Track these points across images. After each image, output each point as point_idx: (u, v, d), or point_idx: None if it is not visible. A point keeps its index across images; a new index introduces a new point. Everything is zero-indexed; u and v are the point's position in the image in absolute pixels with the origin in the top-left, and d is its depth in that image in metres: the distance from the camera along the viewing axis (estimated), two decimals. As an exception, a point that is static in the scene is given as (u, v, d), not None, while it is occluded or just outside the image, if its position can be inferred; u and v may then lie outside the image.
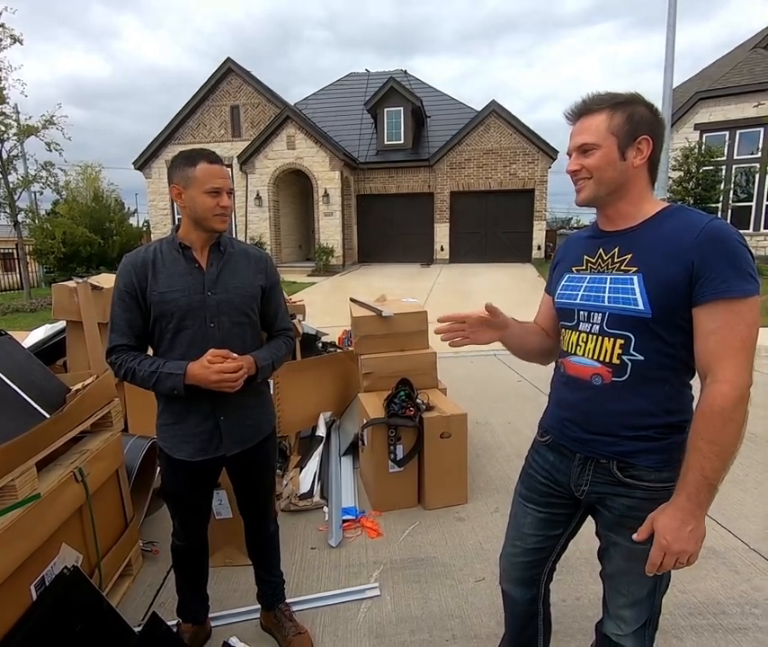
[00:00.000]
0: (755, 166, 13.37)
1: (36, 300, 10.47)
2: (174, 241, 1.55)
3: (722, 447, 1.02)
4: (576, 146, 1.15)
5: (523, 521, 1.40)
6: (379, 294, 3.85)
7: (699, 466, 1.03)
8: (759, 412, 3.96)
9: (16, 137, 10.37)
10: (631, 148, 1.11)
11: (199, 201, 1.48)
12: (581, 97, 1.16)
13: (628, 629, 1.24)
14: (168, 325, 1.51)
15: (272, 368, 1.64)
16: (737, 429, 1.02)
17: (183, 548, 1.76)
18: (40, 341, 3.22)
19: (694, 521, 1.05)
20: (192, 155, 1.49)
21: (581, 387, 1.21)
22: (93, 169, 18.62)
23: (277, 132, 15.48)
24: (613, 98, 1.12)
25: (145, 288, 1.50)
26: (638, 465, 1.14)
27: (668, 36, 8.42)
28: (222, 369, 1.44)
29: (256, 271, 1.64)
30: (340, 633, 1.91)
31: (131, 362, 1.49)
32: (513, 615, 1.54)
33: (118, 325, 1.52)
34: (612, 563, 1.25)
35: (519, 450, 3.36)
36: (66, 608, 1.54)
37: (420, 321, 3.21)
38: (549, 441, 1.33)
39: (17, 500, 1.52)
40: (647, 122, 1.11)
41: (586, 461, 1.22)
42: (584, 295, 1.21)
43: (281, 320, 1.74)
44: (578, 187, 1.18)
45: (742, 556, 2.27)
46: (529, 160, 16.47)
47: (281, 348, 1.70)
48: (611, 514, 1.20)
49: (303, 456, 3.12)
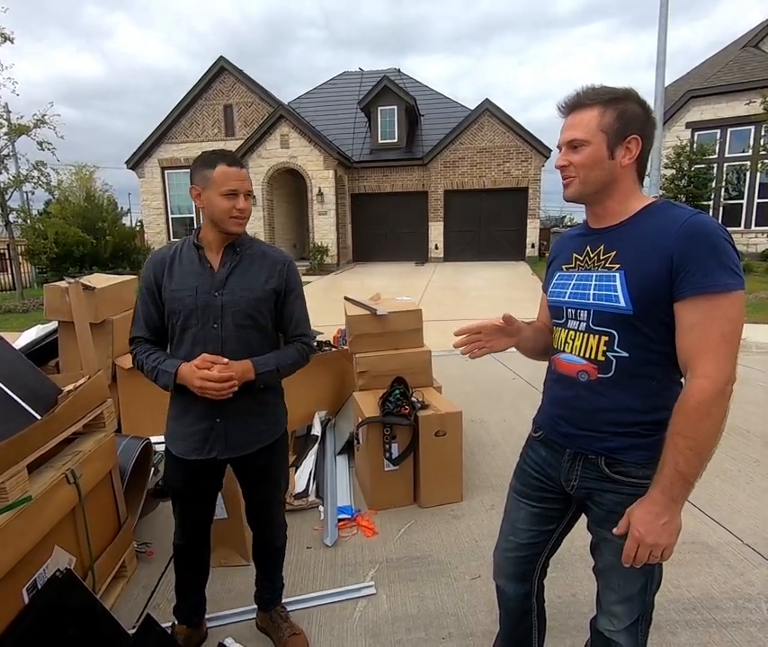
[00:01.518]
0: (746, 164, 13.49)
1: (28, 301, 10.38)
2: (194, 240, 1.59)
3: (698, 442, 1.02)
4: (566, 141, 1.15)
5: (517, 516, 1.41)
6: (373, 292, 3.85)
7: (674, 461, 1.03)
8: (751, 408, 4.00)
9: (7, 136, 10.27)
10: (620, 147, 1.11)
11: (215, 203, 1.48)
12: (575, 90, 1.16)
13: (620, 625, 1.25)
14: (177, 323, 1.55)
15: (277, 374, 1.59)
16: (715, 426, 1.02)
17: (181, 546, 1.75)
18: (32, 341, 3.20)
19: (668, 515, 1.05)
20: (212, 157, 1.49)
21: (570, 384, 1.22)
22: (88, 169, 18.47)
23: (270, 131, 15.42)
24: (607, 93, 1.11)
25: (161, 285, 1.56)
26: (626, 461, 1.15)
27: (660, 35, 8.46)
28: (206, 377, 1.43)
29: (270, 274, 1.60)
30: (336, 632, 1.90)
31: (142, 355, 1.57)
32: (507, 610, 1.54)
33: (137, 318, 1.61)
34: (603, 559, 1.26)
35: (514, 447, 3.36)
36: (59, 611, 1.53)
37: (415, 319, 3.21)
38: (542, 437, 1.35)
39: (8, 502, 1.50)
40: (637, 120, 1.11)
41: (576, 457, 1.23)
42: (572, 293, 1.22)
43: (297, 326, 1.67)
44: (565, 182, 1.18)
45: (735, 551, 2.29)
46: (522, 158, 16.51)
47: (292, 354, 1.64)
48: (601, 510, 1.21)
49: (298, 456, 3.11)
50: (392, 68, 20.95)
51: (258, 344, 1.59)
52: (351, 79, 21.14)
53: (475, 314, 8.06)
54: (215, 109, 16.74)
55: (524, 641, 1.53)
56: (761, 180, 13.46)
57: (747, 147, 13.49)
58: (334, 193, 15.67)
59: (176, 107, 16.71)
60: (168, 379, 1.50)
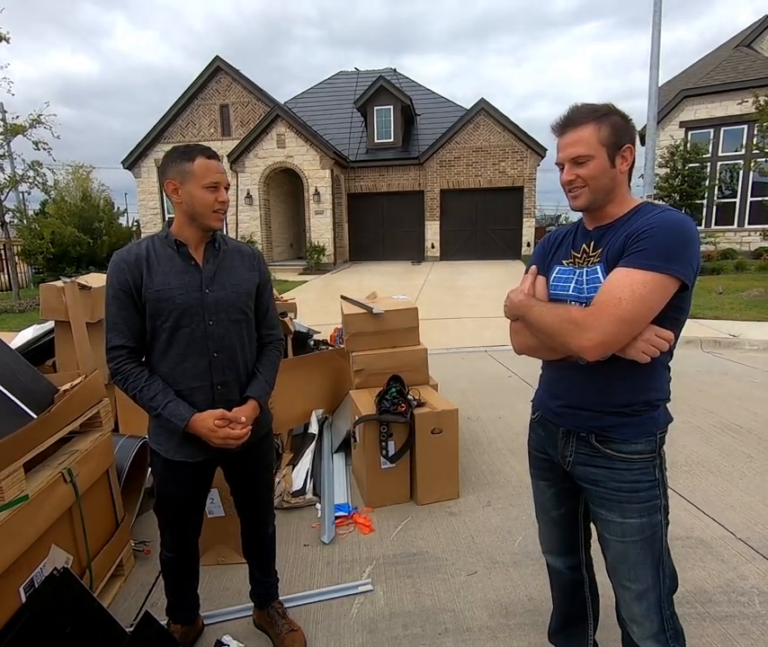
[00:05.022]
0: (740, 163, 13.58)
1: (25, 301, 10.32)
2: (167, 237, 1.52)
3: (541, 332, 1.24)
4: (570, 158, 1.22)
5: (542, 498, 1.51)
6: (369, 291, 3.86)
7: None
8: (744, 405, 4.03)
9: (2, 136, 10.21)
10: (618, 156, 1.20)
11: (197, 196, 1.45)
12: (565, 111, 1.24)
13: (642, 631, 1.28)
14: (164, 324, 1.48)
15: (270, 392, 1.68)
16: (565, 346, 1.18)
17: (173, 559, 1.73)
18: (28, 341, 3.19)
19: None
20: (189, 150, 1.47)
21: (568, 367, 1.29)
22: (85, 170, 18.42)
23: (267, 131, 15.40)
24: (595, 111, 1.20)
25: (140, 286, 1.46)
26: (616, 438, 1.23)
27: (654, 35, 8.50)
28: (228, 435, 1.48)
29: (251, 269, 1.64)
30: (333, 628, 1.91)
31: (133, 381, 1.47)
32: (559, 585, 1.60)
33: (114, 324, 1.48)
34: (611, 549, 1.30)
35: (510, 444, 3.39)
36: (57, 610, 1.52)
37: (411, 318, 3.22)
38: (538, 418, 1.44)
39: (4, 501, 1.50)
40: (626, 132, 1.21)
41: (569, 434, 1.32)
42: (575, 287, 1.28)
43: (269, 319, 1.71)
44: (574, 195, 1.25)
45: (728, 546, 2.31)
46: (518, 158, 16.55)
47: (274, 362, 1.71)
48: (597, 487, 1.28)
49: (295, 454, 3.12)
50: (388, 68, 20.96)
51: (248, 337, 1.62)
52: (347, 79, 21.13)
53: (471, 313, 8.09)
54: (211, 108, 16.69)
55: (579, 615, 1.58)
56: (754, 178, 13.57)
57: (740, 146, 13.57)
58: (330, 193, 15.66)
59: (173, 107, 16.65)
60: (176, 427, 1.47)
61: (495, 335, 6.29)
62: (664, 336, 1.13)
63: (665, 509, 1.27)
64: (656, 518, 1.25)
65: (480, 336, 6.55)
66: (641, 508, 1.23)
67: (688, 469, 3.04)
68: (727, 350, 5.76)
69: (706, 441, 3.41)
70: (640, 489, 1.23)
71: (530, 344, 1.34)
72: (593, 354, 1.13)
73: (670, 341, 1.15)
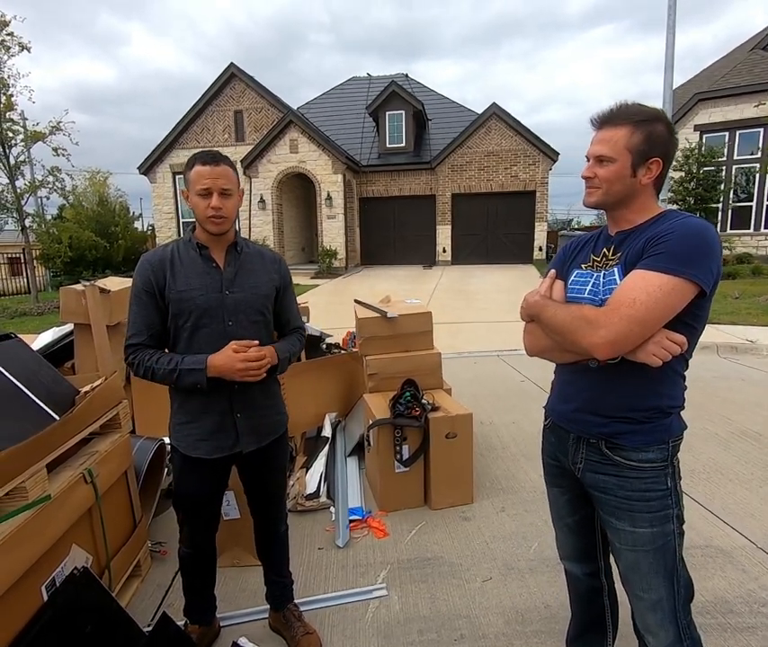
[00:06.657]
0: (755, 166, 13.35)
1: (43, 304, 10.52)
2: (191, 241, 1.59)
3: (553, 330, 1.23)
4: (594, 155, 1.22)
5: (556, 504, 1.50)
6: (382, 295, 3.86)
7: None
8: (762, 411, 3.96)
9: (23, 142, 10.44)
10: (642, 167, 1.19)
11: (194, 203, 1.52)
12: (609, 106, 1.22)
13: (658, 642, 1.26)
14: (185, 323, 1.53)
15: (288, 362, 1.69)
16: (576, 344, 1.17)
17: (191, 555, 1.76)
18: (48, 343, 3.25)
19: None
20: (192, 158, 1.53)
21: (579, 370, 1.27)
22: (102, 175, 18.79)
23: (280, 136, 15.53)
24: (638, 114, 1.18)
25: (163, 287, 1.52)
26: (626, 445, 1.21)
27: (668, 38, 8.43)
28: (247, 357, 1.48)
29: (271, 272, 1.67)
30: (348, 632, 1.91)
31: (149, 361, 1.51)
32: (577, 592, 1.58)
33: (134, 323, 1.54)
34: (622, 559, 1.28)
35: (524, 450, 3.37)
36: (77, 609, 1.55)
37: (424, 322, 3.22)
38: (550, 424, 1.43)
39: (28, 501, 1.53)
40: (662, 143, 1.18)
41: (579, 440, 1.30)
42: (591, 290, 1.27)
43: (294, 319, 1.78)
44: (588, 191, 1.25)
45: (749, 555, 2.27)
46: (530, 162, 16.47)
47: (296, 344, 1.75)
48: (607, 495, 1.26)
49: (309, 457, 3.13)
50: (400, 73, 21.01)
51: (266, 338, 1.65)
52: (359, 84, 21.23)
53: (483, 317, 8.05)
54: (225, 114, 16.88)
55: (597, 623, 1.56)
56: (771, 182, 13.33)
57: (756, 149, 13.35)
58: (342, 197, 15.73)
59: (188, 113, 16.88)
60: (199, 376, 1.47)
61: (507, 339, 6.26)
62: (676, 340, 1.11)
63: (678, 519, 1.23)
64: (669, 527, 1.22)
65: (492, 340, 6.52)
66: (652, 517, 1.21)
67: (706, 477, 2.99)
68: (744, 356, 5.67)
69: (724, 448, 3.36)
70: (651, 498, 1.20)
71: (542, 345, 1.33)
72: (603, 352, 1.12)
73: (683, 346, 1.12)
